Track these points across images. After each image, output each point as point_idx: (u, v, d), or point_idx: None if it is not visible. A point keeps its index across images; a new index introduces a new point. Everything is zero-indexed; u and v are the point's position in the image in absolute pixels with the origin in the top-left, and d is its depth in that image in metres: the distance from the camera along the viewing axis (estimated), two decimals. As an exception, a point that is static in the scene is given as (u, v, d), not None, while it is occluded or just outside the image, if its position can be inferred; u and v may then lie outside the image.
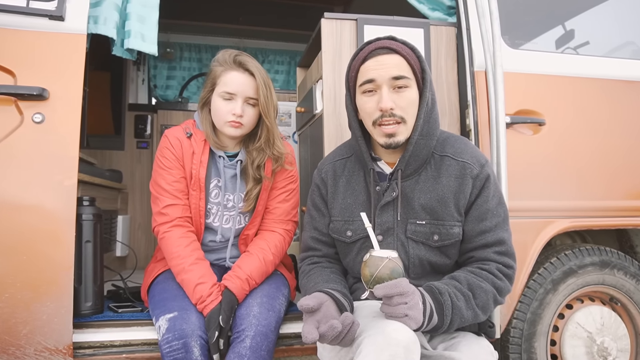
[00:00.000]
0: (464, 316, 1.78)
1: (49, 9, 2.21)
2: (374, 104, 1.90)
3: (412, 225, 1.95)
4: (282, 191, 2.49)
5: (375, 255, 1.70)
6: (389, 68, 1.89)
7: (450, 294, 1.77)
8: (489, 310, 1.86)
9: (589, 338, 2.70)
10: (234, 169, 2.41)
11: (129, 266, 4.13)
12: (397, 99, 1.88)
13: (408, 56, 1.91)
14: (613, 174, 2.78)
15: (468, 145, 2.02)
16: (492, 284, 1.85)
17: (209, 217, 2.42)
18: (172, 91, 5.76)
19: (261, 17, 5.43)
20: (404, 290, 1.63)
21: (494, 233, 1.92)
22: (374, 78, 1.90)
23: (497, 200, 1.96)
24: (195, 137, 2.39)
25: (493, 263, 1.90)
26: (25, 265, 2.13)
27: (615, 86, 2.85)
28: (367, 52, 1.94)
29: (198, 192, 2.35)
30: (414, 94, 1.92)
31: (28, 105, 2.17)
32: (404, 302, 1.62)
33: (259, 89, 2.29)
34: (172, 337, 1.98)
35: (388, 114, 1.88)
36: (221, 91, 2.29)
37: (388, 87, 1.89)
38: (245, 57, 2.33)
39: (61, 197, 2.17)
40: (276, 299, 2.27)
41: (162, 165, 2.35)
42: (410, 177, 1.98)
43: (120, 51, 2.50)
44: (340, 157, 2.17)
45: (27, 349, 2.12)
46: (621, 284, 2.78)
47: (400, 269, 1.69)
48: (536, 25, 3.26)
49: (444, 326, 1.75)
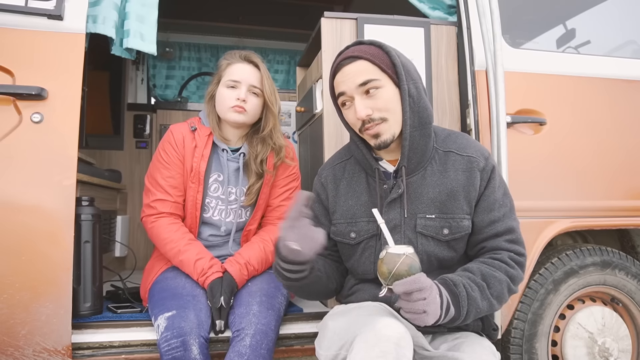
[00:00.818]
0: (479, 306, 1.77)
1: (48, 8, 2.20)
2: (353, 114, 1.92)
3: (421, 219, 1.93)
4: (285, 189, 2.54)
5: (392, 252, 1.68)
6: (354, 76, 1.89)
7: (464, 285, 1.77)
8: (504, 300, 1.86)
9: (590, 339, 2.69)
10: (237, 162, 2.45)
11: (128, 266, 4.12)
12: (371, 103, 1.88)
13: (373, 58, 1.89)
14: (614, 174, 2.77)
15: (470, 140, 2.03)
16: (506, 273, 1.85)
17: (207, 211, 2.46)
18: (171, 91, 5.75)
19: (261, 16, 5.43)
20: (423, 285, 1.63)
21: (503, 222, 1.92)
22: (343, 91, 1.92)
23: (502, 191, 1.97)
24: (199, 132, 2.44)
25: (505, 252, 1.90)
26: (24, 266, 2.12)
27: (617, 85, 2.84)
28: (335, 66, 1.96)
29: (197, 185, 2.39)
30: (390, 91, 1.90)
31: (27, 105, 2.16)
32: (422, 298, 1.62)
33: (264, 79, 2.41)
34: (171, 336, 1.98)
35: (367, 121, 1.88)
36: (226, 80, 2.40)
37: (359, 94, 1.89)
38: (251, 53, 2.46)
39: (60, 197, 2.16)
40: (275, 298, 2.28)
41: (161, 160, 2.42)
42: (416, 172, 1.97)
43: (119, 50, 2.49)
44: (340, 160, 2.17)
45: (26, 349, 2.11)
46: (622, 284, 2.77)
47: (417, 264, 1.68)
48: (537, 24, 3.24)
49: (461, 317, 1.75)
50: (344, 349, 1.71)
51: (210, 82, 2.50)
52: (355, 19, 2.69)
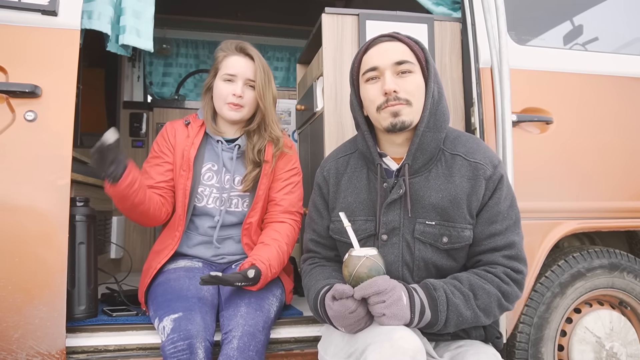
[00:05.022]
0: (462, 314, 1.74)
1: (42, 3, 2.18)
2: (378, 89, 1.88)
3: (420, 225, 1.89)
4: (287, 183, 2.54)
5: (353, 255, 1.72)
6: (392, 53, 1.88)
7: (445, 290, 1.75)
8: (492, 314, 1.81)
9: (598, 343, 2.66)
10: (232, 153, 2.50)
11: (124, 269, 4.09)
12: (401, 83, 1.86)
13: (411, 45, 1.91)
14: (623, 174, 2.75)
15: (480, 144, 1.97)
16: (497, 288, 1.80)
17: (201, 200, 2.48)
18: (168, 88, 5.76)
19: (260, 12, 5.42)
20: (380, 288, 1.63)
21: (504, 236, 1.86)
22: (376, 65, 1.89)
23: (509, 203, 1.91)
24: (192, 125, 2.52)
25: (500, 267, 1.85)
26: (17, 268, 2.09)
27: (625, 83, 2.82)
28: (369, 42, 1.94)
29: (187, 172, 2.44)
30: (419, 79, 1.90)
31: (20, 103, 2.14)
32: (381, 301, 1.63)
33: (257, 72, 2.43)
34: (177, 338, 1.96)
35: (393, 98, 1.84)
36: (223, 73, 2.43)
37: (391, 72, 1.87)
38: (246, 44, 2.50)
39: (54, 197, 2.14)
40: (265, 299, 2.26)
41: (152, 151, 2.52)
42: (420, 173, 1.92)
43: (114, 47, 2.48)
44: (344, 153, 2.14)
45: (19, 354, 2.08)
46: (631, 287, 2.75)
47: (379, 265, 1.70)
48: (543, 21, 3.24)
49: (439, 323, 1.72)
50: (354, 357, 1.69)
51: (209, 74, 2.56)
52: (357, 15, 2.68)
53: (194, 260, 2.48)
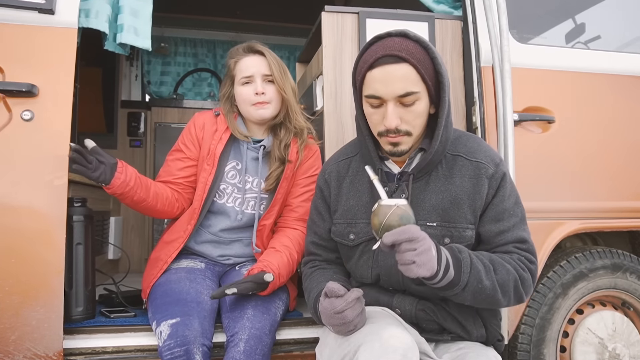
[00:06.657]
0: (482, 281, 1.71)
1: (39, 1, 2.17)
2: (380, 117, 1.84)
3: (421, 227, 1.86)
4: (305, 190, 2.53)
5: (383, 204, 1.67)
6: (397, 84, 1.77)
7: (470, 254, 1.73)
8: (508, 295, 1.78)
9: (601, 344, 2.65)
10: (256, 152, 2.48)
11: (122, 269, 4.08)
12: (403, 114, 1.81)
13: (418, 64, 1.77)
14: (625, 174, 2.75)
15: (481, 144, 1.96)
16: (515, 270, 1.78)
17: (222, 197, 2.47)
18: (166, 87, 5.75)
19: (259, 10, 5.43)
20: (413, 236, 1.59)
21: (513, 232, 1.86)
22: (379, 95, 1.80)
23: (514, 200, 1.90)
24: (222, 117, 2.50)
25: (516, 254, 1.84)
26: (13, 269, 2.09)
27: (628, 82, 2.81)
28: (375, 58, 1.80)
29: (211, 167, 2.42)
30: (423, 105, 1.83)
31: (17, 102, 2.13)
32: (412, 249, 1.58)
33: (271, 65, 2.43)
34: (174, 344, 1.95)
35: (393, 131, 1.82)
36: (240, 78, 2.42)
37: (394, 103, 1.80)
38: (253, 42, 2.51)
39: (51, 197, 2.13)
40: (272, 302, 2.26)
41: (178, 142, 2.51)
42: (419, 178, 1.92)
43: (112, 46, 2.46)
44: (345, 156, 2.13)
45: (16, 355, 2.08)
46: (634, 288, 2.74)
47: (409, 215, 1.66)
48: (545, 19, 3.23)
49: (460, 284, 1.69)
50: (347, 358, 1.67)
51: (222, 86, 2.54)
52: (357, 13, 2.66)
53: (197, 260, 2.47)
